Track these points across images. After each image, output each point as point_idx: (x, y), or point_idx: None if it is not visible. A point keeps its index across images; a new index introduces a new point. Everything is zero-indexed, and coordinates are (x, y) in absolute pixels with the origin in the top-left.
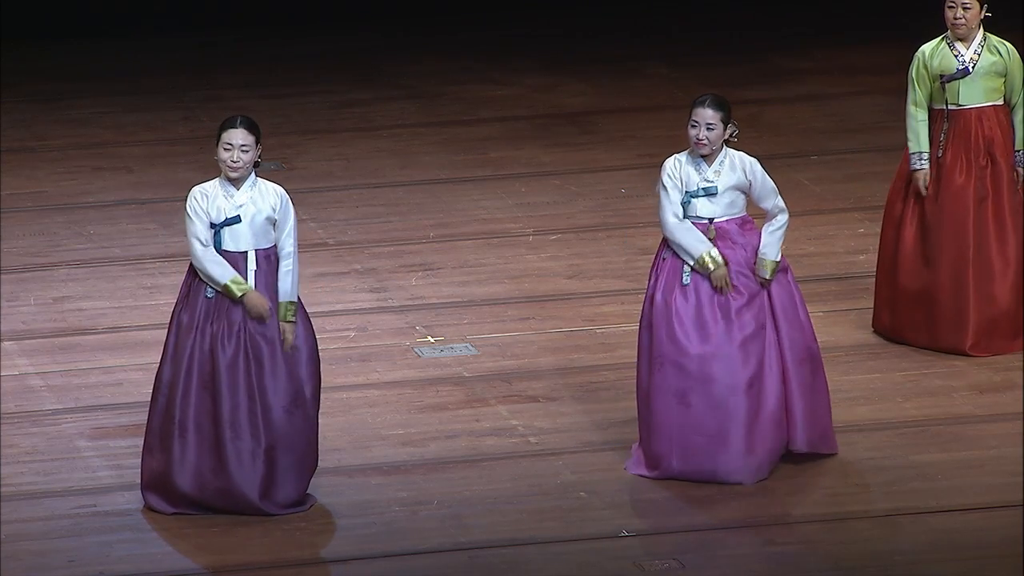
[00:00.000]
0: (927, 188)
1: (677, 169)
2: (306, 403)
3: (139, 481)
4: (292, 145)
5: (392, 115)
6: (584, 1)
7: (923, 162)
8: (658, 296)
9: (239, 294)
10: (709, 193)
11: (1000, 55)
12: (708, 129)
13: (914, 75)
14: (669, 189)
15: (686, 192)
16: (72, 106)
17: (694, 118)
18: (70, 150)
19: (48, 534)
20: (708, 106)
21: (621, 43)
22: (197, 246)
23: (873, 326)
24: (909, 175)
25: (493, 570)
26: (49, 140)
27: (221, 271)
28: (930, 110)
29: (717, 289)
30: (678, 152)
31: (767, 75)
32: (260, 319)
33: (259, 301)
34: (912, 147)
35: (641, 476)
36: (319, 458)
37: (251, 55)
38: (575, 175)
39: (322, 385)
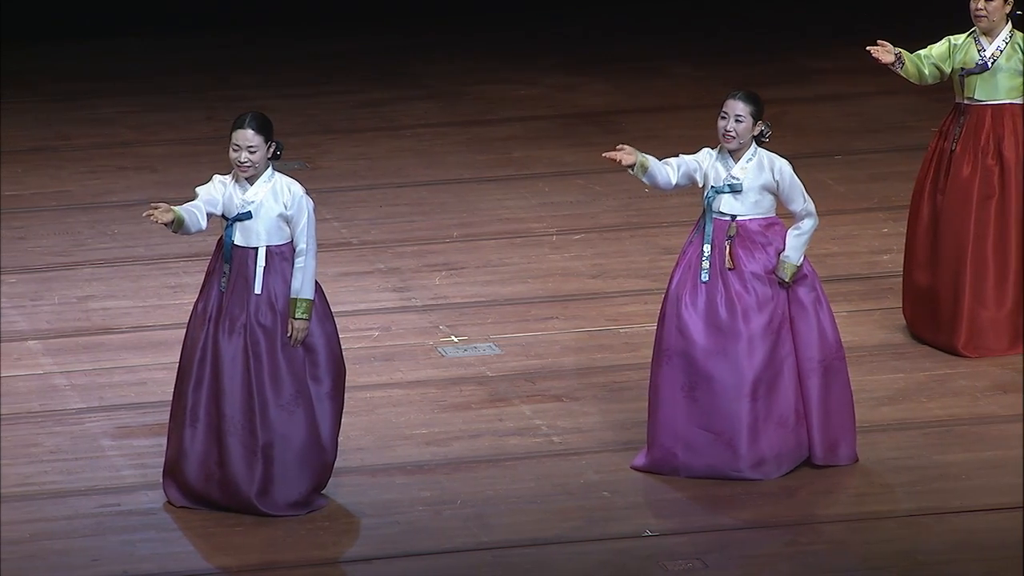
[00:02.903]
0: (883, 60)
1: (707, 159)
2: (311, 401)
3: (162, 480)
4: (315, 145)
5: (415, 115)
6: (607, 1)
7: (898, 59)
8: (672, 289)
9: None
10: (734, 190)
11: (1021, 52)
12: (737, 121)
13: (937, 45)
14: (690, 156)
15: (711, 187)
16: (96, 106)
17: (724, 109)
18: (94, 149)
19: (72, 533)
20: (739, 99)
21: (644, 42)
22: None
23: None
24: (930, 170)
25: (516, 570)
26: (73, 139)
27: (184, 207)
28: (954, 103)
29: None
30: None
31: (791, 75)
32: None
33: (160, 209)
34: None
35: (643, 471)
36: (342, 457)
37: (274, 54)
38: (598, 175)
39: (346, 384)
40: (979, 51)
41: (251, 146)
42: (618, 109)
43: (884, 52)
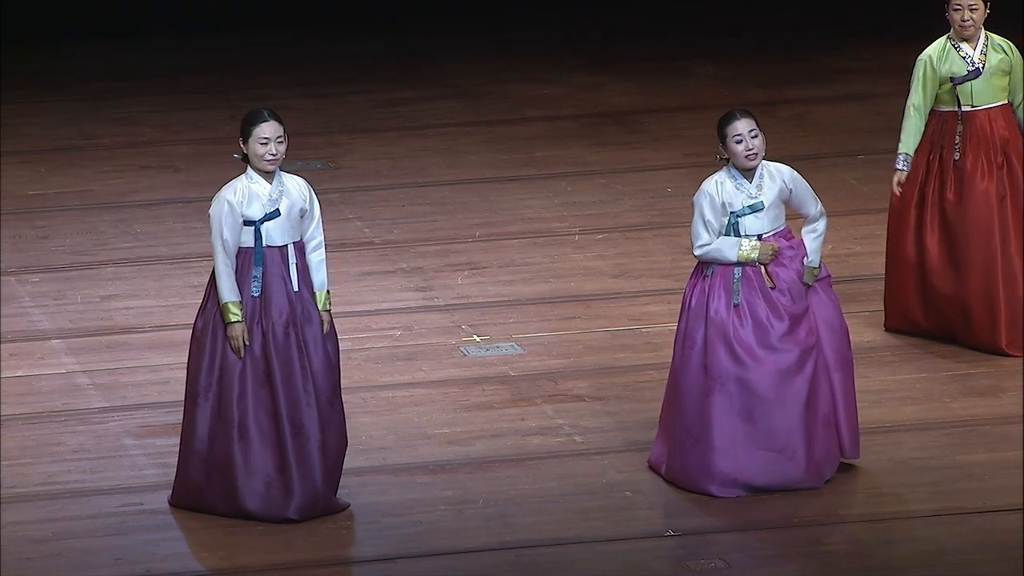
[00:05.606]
0: (899, 188)
1: (719, 193)
2: (340, 392)
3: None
4: (338, 144)
5: (438, 114)
6: (630, 0)
7: (907, 164)
8: (712, 314)
9: (232, 320)
10: (755, 209)
11: (1005, 52)
12: (752, 136)
13: (920, 77)
14: (707, 217)
15: (731, 213)
16: (119, 105)
17: (736, 132)
18: (117, 149)
19: (94, 532)
20: (746, 115)
21: (667, 42)
22: (221, 254)
23: (886, 326)
24: (930, 180)
25: (538, 569)
26: (96, 139)
27: (230, 287)
28: (934, 112)
29: (769, 262)
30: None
31: (814, 74)
32: (237, 351)
33: (242, 335)
34: (902, 147)
35: (709, 495)
36: (365, 456)
37: (298, 54)
38: (621, 174)
39: (368, 384)
40: (964, 58)
41: (279, 137)
42: (642, 109)
43: (902, 179)
